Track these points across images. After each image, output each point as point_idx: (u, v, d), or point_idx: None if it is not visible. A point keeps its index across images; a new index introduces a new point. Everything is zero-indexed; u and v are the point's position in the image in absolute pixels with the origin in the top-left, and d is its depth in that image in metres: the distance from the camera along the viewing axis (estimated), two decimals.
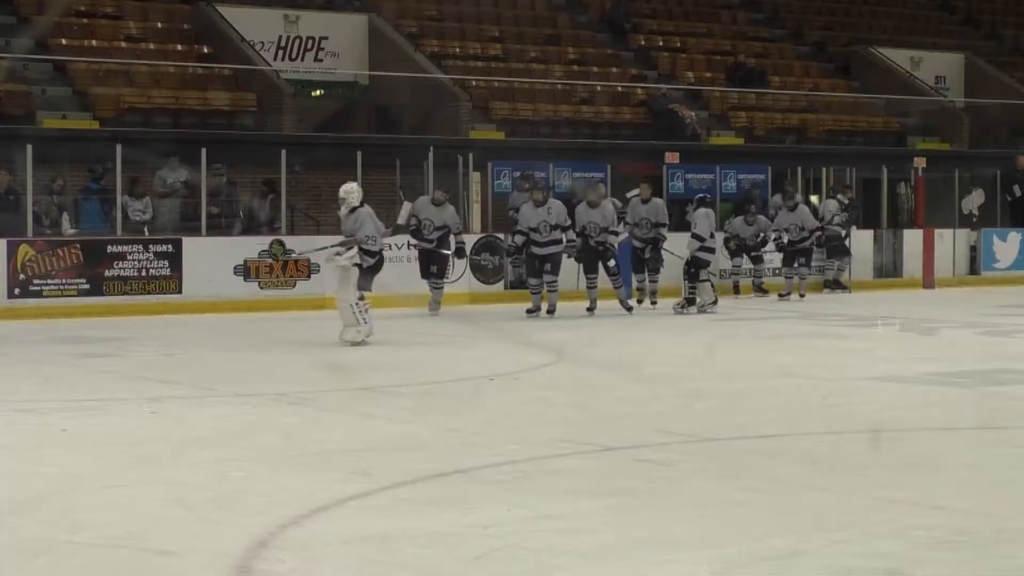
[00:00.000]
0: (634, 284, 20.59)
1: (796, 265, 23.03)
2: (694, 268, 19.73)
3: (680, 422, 10.04)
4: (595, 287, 19.72)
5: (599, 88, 28.87)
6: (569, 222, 19.12)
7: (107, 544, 6.44)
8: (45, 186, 20.41)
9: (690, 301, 19.67)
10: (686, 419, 10.27)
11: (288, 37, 26.99)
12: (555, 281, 19.30)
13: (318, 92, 27.80)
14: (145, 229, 20.64)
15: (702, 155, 26.62)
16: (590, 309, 19.53)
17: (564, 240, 19.20)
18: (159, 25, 26.36)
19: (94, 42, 25.10)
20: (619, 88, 29.23)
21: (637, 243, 20.47)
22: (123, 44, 25.33)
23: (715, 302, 19.97)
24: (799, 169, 27.01)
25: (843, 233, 24.86)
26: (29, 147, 19.26)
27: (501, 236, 21.66)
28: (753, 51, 32.31)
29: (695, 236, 19.86)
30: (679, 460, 8.65)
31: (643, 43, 31.53)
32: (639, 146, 26.75)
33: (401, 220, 19.43)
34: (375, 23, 27.86)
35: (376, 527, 6.74)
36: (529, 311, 19.16)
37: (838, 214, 24.87)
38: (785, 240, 23.00)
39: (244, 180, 22.71)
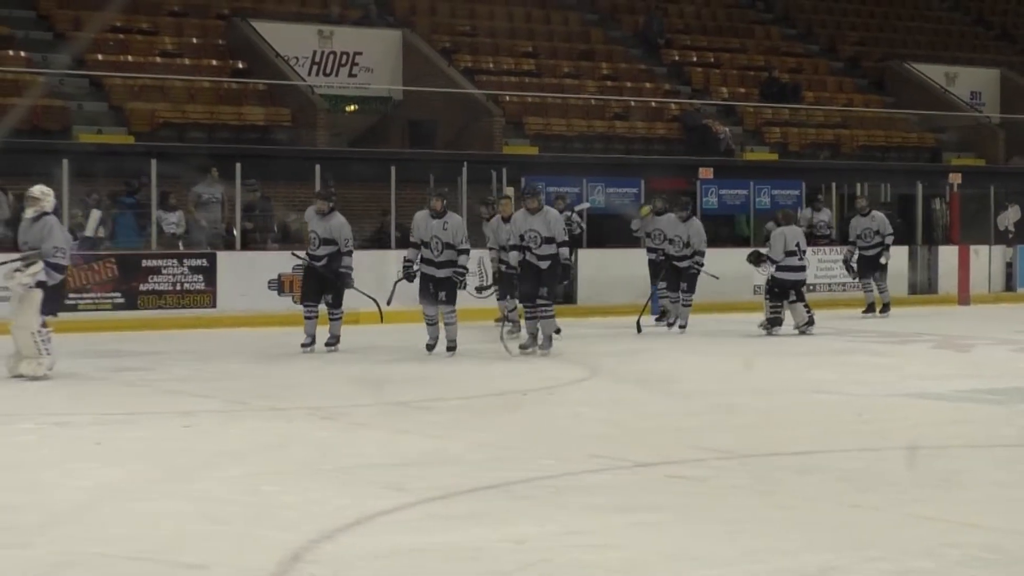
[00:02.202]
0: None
1: (874, 276, 22.24)
2: (777, 288, 18.74)
3: (713, 438, 10.01)
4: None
5: (632, 103, 28.86)
6: (466, 245, 16.02)
7: (139, 557, 6.45)
8: (80, 200, 20.50)
9: (772, 322, 18.71)
10: (719, 435, 10.23)
11: (322, 52, 27.07)
12: (453, 312, 15.99)
13: (352, 107, 27.87)
14: (179, 243, 20.72)
15: (736, 171, 26.57)
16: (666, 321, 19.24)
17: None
18: (194, 41, 26.47)
19: (130, 57, 25.22)
20: (652, 103, 29.22)
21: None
22: (158, 59, 25.45)
23: (810, 323, 18.74)
24: (833, 185, 26.94)
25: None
26: (65, 161, 19.37)
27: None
28: (787, 66, 32.25)
29: (767, 258, 18.89)
30: (712, 476, 8.62)
31: (677, 58, 31.52)
32: (672, 162, 26.71)
33: (89, 232, 16.58)
34: (409, 38, 27.92)
35: (408, 542, 6.74)
36: (430, 346, 15.94)
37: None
38: (855, 251, 22.16)
39: (278, 195, 22.77)
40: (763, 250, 19.13)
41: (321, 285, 16.23)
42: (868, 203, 22.48)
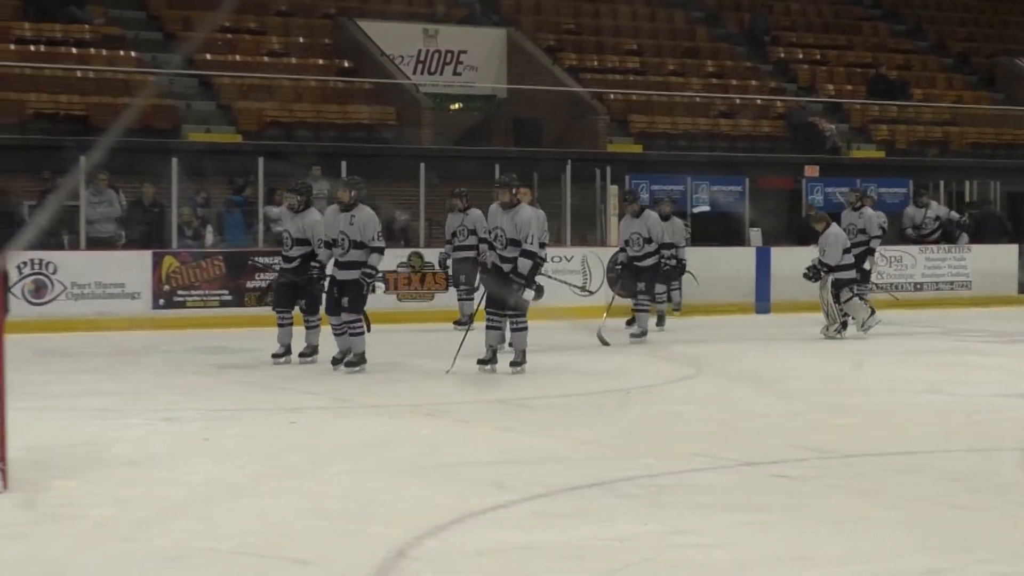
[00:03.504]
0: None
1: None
2: (835, 290, 18.13)
3: (819, 438, 9.94)
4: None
5: (738, 101, 28.71)
6: (378, 243, 14.02)
7: (246, 552, 6.52)
8: (189, 198, 20.76)
9: (845, 325, 18.05)
10: (825, 435, 10.16)
11: (427, 51, 27.19)
12: (357, 322, 14.05)
13: (457, 105, 27.97)
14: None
15: (842, 169, 26.35)
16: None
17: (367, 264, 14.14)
18: (301, 40, 26.70)
19: (238, 57, 25.49)
20: (758, 101, 29.05)
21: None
22: (266, 59, 25.69)
23: (872, 314, 18.16)
24: (941, 183, 26.63)
25: None
26: (175, 160, 19.61)
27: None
28: (895, 63, 31.91)
29: (824, 265, 18.06)
30: (816, 476, 8.57)
31: (782, 55, 31.30)
32: (778, 160, 26.55)
33: None
34: (514, 37, 27.97)
35: (512, 539, 6.76)
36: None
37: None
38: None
39: (383, 193, 22.90)
40: (816, 262, 18.14)
41: (295, 290, 14.76)
42: (860, 197, 20.39)
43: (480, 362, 13.76)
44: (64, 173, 19.28)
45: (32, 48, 24.06)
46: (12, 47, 23.90)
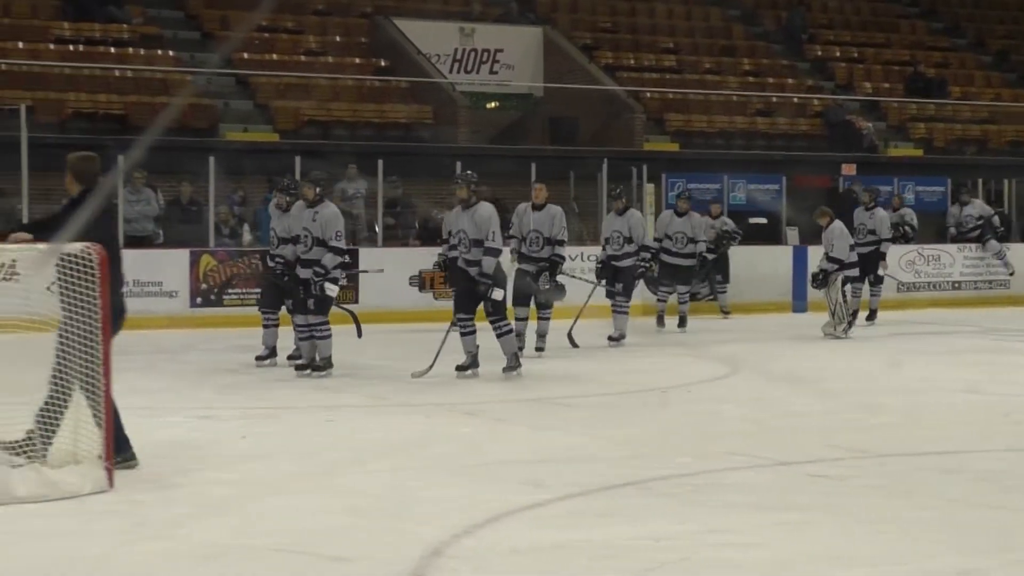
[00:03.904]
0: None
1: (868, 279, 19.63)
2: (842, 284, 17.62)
3: (855, 437, 9.92)
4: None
5: (774, 99, 28.65)
6: (336, 242, 13.32)
7: (283, 549, 6.56)
8: (226, 197, 20.84)
9: (850, 324, 17.68)
10: (861, 434, 10.14)
11: (464, 50, 27.24)
12: (323, 325, 13.33)
13: (493, 104, 28.00)
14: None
15: (880, 167, 26.27)
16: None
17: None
18: (338, 39, 26.77)
19: (275, 56, 25.58)
20: (795, 99, 28.98)
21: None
22: (303, 58, 25.78)
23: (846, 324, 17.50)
24: (979, 181, 26.50)
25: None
26: (212, 159, 19.68)
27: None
28: (933, 61, 31.79)
29: (835, 262, 17.51)
30: (852, 476, 8.56)
31: (820, 53, 31.21)
32: (815, 158, 26.48)
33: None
34: (550, 35, 27.98)
35: (548, 538, 6.78)
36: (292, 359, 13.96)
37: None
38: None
39: (419, 192, 22.95)
40: (825, 266, 17.51)
41: (281, 291, 14.12)
42: (871, 198, 19.50)
43: (459, 368, 13.37)
44: (103, 172, 19.35)
45: (71, 48, 24.20)
46: (52, 47, 24.05)
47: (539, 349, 15.27)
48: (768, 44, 31.06)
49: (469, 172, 13.83)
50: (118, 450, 8.12)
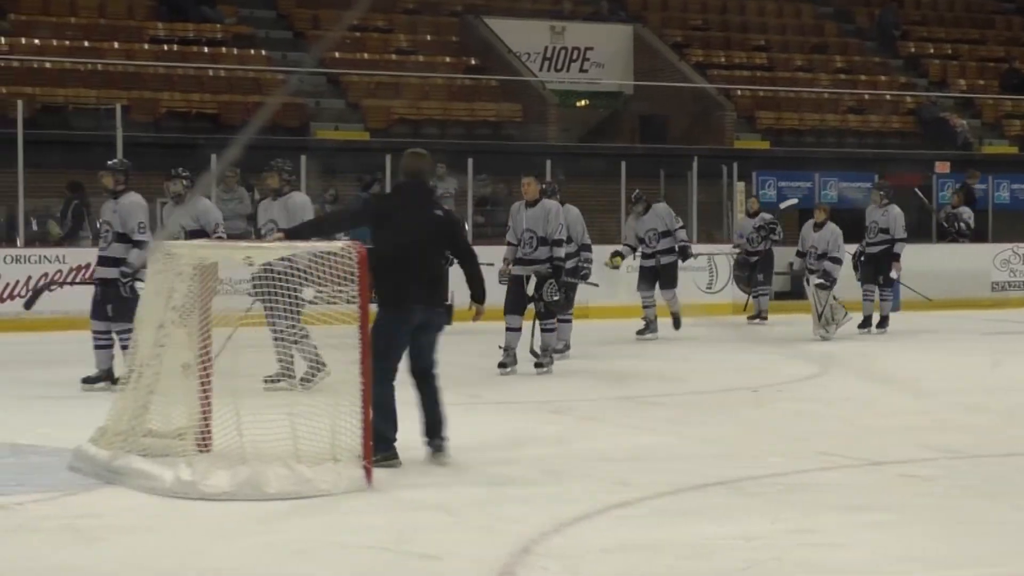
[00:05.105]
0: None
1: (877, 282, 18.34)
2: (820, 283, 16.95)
3: (950, 438, 9.81)
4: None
5: (867, 97, 28.43)
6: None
7: (375, 547, 6.59)
8: (317, 195, 20.96)
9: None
10: (956, 435, 10.02)
11: (554, 48, 27.25)
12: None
13: (583, 102, 27.99)
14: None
15: (974, 165, 25.97)
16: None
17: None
18: (428, 38, 26.88)
19: (366, 55, 25.71)
20: (887, 96, 28.74)
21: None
22: (393, 57, 25.90)
23: (845, 316, 17.03)
24: None
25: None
26: (303, 157, 19.81)
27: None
28: None
29: (835, 260, 17.10)
30: (946, 477, 8.47)
31: (913, 50, 30.93)
32: (908, 156, 26.25)
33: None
34: (640, 33, 27.93)
35: (637, 537, 6.77)
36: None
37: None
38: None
39: (509, 190, 22.98)
40: (829, 268, 16.97)
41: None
42: (887, 194, 18.17)
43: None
44: (195, 171, 19.55)
45: (165, 48, 24.48)
46: (146, 47, 24.34)
47: (539, 366, 13.54)
48: (860, 41, 30.83)
49: (281, 160, 12.64)
50: (378, 448, 8.18)
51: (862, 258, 18.05)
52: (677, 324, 16.79)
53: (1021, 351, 16.33)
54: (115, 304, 11.82)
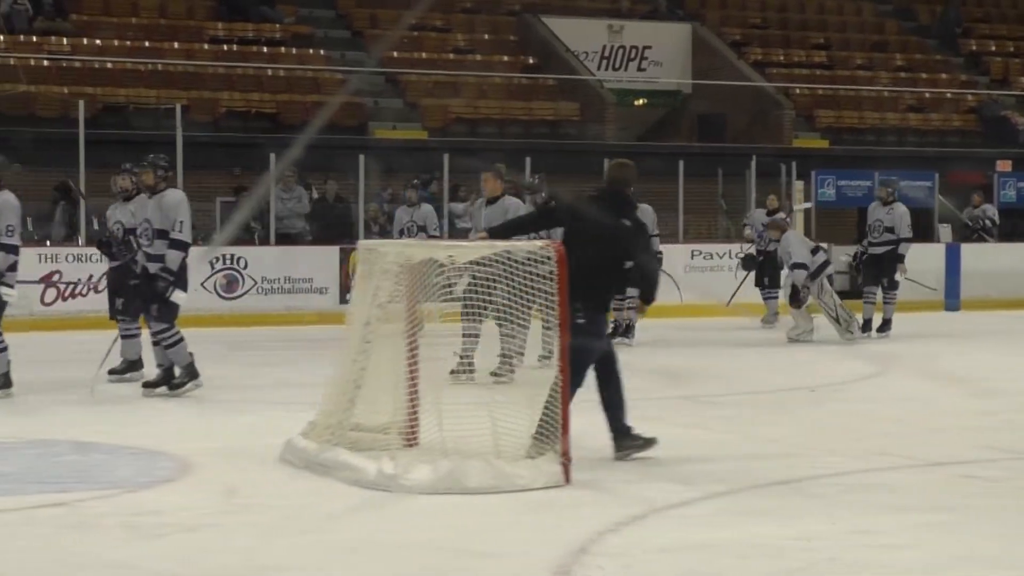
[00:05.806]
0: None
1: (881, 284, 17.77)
2: (794, 287, 16.54)
3: (1011, 438, 9.73)
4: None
5: (927, 95, 28.24)
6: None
7: (431, 546, 6.59)
8: (375, 194, 21.04)
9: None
10: (1016, 435, 9.94)
11: (612, 47, 27.23)
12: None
13: (641, 101, 27.95)
14: (468, 235, 21.00)
15: None
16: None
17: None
18: (485, 37, 26.90)
19: (423, 54, 25.77)
20: (948, 95, 28.53)
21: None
22: (451, 56, 25.95)
23: (810, 331, 16.49)
24: None
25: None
26: (361, 157, 19.87)
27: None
28: None
29: (800, 267, 16.48)
30: (1006, 477, 8.40)
31: (974, 48, 30.71)
32: (969, 154, 26.07)
33: None
34: (699, 32, 27.87)
35: (695, 536, 6.74)
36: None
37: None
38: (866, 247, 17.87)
39: (567, 189, 22.95)
40: (795, 279, 16.42)
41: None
42: (892, 192, 17.51)
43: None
44: (254, 170, 19.68)
45: (225, 47, 24.63)
46: (206, 46, 24.49)
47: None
48: (921, 39, 30.63)
49: (156, 155, 11.79)
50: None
51: (863, 258, 17.59)
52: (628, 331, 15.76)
53: None
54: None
